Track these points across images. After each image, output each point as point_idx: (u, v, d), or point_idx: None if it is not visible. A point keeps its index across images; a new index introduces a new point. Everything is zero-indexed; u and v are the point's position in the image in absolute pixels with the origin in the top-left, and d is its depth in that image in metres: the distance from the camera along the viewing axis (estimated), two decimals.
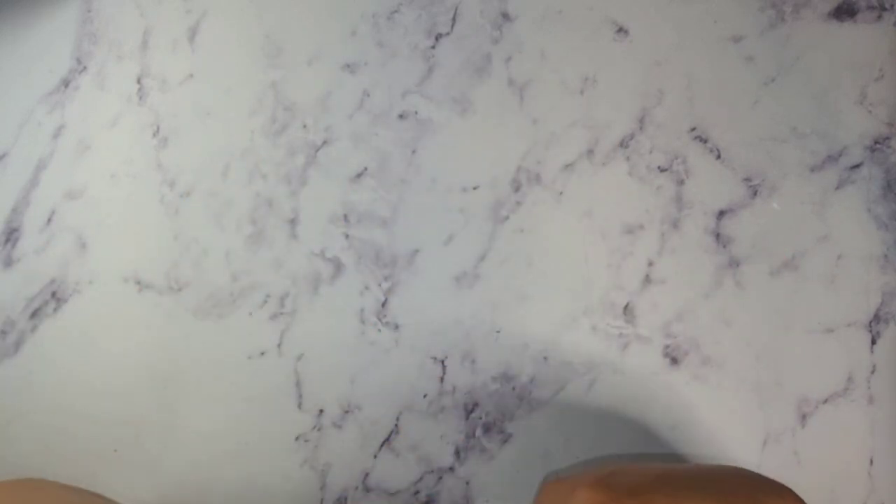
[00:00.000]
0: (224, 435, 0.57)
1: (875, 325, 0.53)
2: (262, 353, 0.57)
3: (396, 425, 0.56)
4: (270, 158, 0.60)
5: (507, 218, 0.57)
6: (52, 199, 0.61)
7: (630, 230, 0.56)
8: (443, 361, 0.56)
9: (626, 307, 0.55)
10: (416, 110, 0.59)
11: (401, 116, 0.59)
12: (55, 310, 0.60)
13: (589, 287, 0.56)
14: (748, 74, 0.56)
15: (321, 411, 0.57)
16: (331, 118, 0.60)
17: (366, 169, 0.59)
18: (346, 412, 0.56)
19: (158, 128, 0.61)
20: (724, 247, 0.55)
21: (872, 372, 0.52)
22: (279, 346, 0.58)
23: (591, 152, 0.57)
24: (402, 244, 0.58)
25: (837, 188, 0.54)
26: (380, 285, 0.58)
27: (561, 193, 0.57)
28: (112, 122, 0.62)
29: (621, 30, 0.58)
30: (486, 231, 0.57)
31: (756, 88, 0.56)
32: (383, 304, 0.57)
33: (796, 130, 0.55)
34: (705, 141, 0.56)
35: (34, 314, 0.60)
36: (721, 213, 0.56)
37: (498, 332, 0.56)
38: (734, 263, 0.55)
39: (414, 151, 0.59)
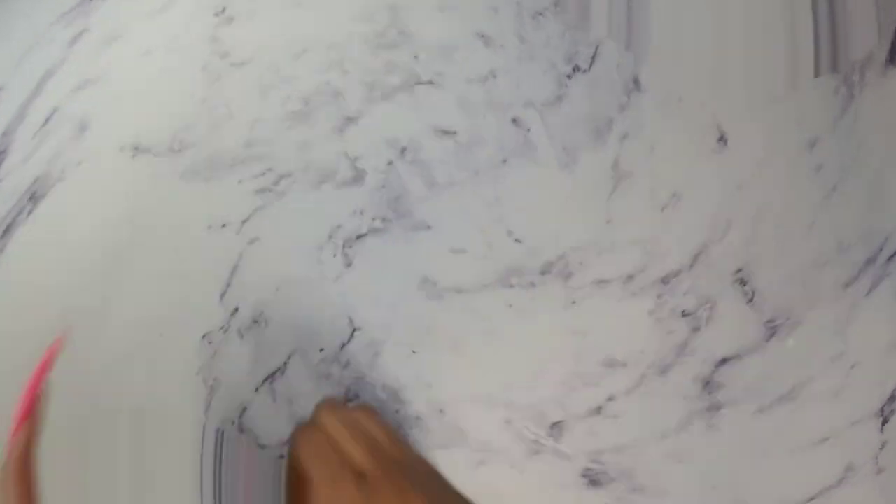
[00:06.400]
0: (146, 319, 0.53)
1: (889, 405, 0.50)
2: (224, 226, 0.54)
3: (285, 364, 0.52)
4: (363, 62, 0.57)
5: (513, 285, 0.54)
6: (57, 98, 0.58)
7: (610, 364, 0.52)
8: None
9: (556, 424, 0.51)
10: (530, 128, 0.57)
11: (514, 121, 0.57)
12: (30, 213, 0.56)
13: (528, 389, 0.51)
14: (814, 186, 0.53)
15: (236, 310, 0.52)
16: (448, 68, 0.57)
17: (456, 133, 0.57)
18: (255, 322, 0.52)
19: (224, 8, 0.59)
20: (710, 394, 0.49)
21: (882, 448, 0.49)
22: (243, 222, 0.54)
23: (630, 278, 0.53)
24: (423, 214, 0.55)
25: (868, 293, 0.51)
26: (373, 220, 0.54)
27: (573, 303, 0.53)
28: (160, 7, 0.59)
29: (722, 138, 0.55)
30: None
31: (816, 205, 0.53)
32: (358, 239, 0.54)
33: (842, 244, 0.52)
34: (745, 283, 0.51)
35: (9, 229, 0.55)
36: (722, 361, 0.50)
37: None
38: (714, 408, 0.49)
39: (504, 161, 0.56)
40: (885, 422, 0.49)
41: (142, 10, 0.60)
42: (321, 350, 0.52)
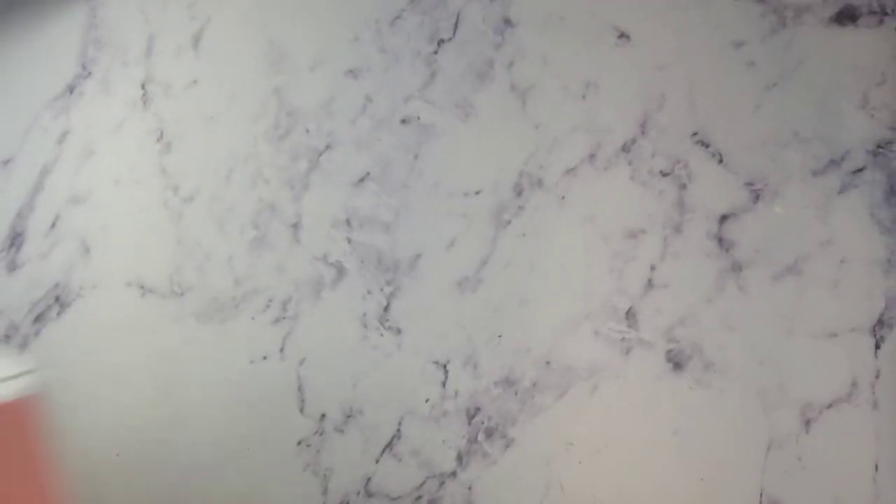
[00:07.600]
0: (225, 439, 0.57)
1: (879, 329, 0.52)
2: (265, 358, 0.58)
3: (398, 430, 0.56)
4: (273, 163, 0.60)
5: (509, 222, 0.57)
6: (57, 204, 0.62)
7: (632, 234, 0.56)
8: (445, 366, 0.56)
9: (628, 311, 0.55)
10: (419, 115, 0.60)
11: (403, 121, 0.60)
12: (59, 314, 0.60)
13: (591, 291, 0.56)
14: (750, 79, 0.56)
15: (323, 416, 0.57)
16: (333, 123, 0.60)
17: (368, 174, 0.60)
18: (349, 417, 0.56)
19: (162, 133, 0.62)
20: (727, 251, 0.55)
21: (877, 377, 0.52)
22: (281, 350, 0.58)
23: (593, 157, 0.57)
24: (404, 249, 0.58)
25: (840, 192, 0.54)
26: (382, 290, 0.58)
27: (563, 198, 0.57)
28: (116, 127, 0.62)
29: (623, 35, 0.58)
30: (488, 236, 0.57)
31: (758, 93, 0.56)
32: (385, 309, 0.57)
33: (798, 135, 0.55)
34: (707, 146, 0.56)
35: (38, 318, 0.60)
36: (723, 218, 0.55)
37: (500, 336, 0.56)
38: (736, 268, 0.54)
39: (416, 156, 0.59)
40: (877, 346, 0.52)
41: (104, 125, 0.64)
42: (427, 400, 0.57)
